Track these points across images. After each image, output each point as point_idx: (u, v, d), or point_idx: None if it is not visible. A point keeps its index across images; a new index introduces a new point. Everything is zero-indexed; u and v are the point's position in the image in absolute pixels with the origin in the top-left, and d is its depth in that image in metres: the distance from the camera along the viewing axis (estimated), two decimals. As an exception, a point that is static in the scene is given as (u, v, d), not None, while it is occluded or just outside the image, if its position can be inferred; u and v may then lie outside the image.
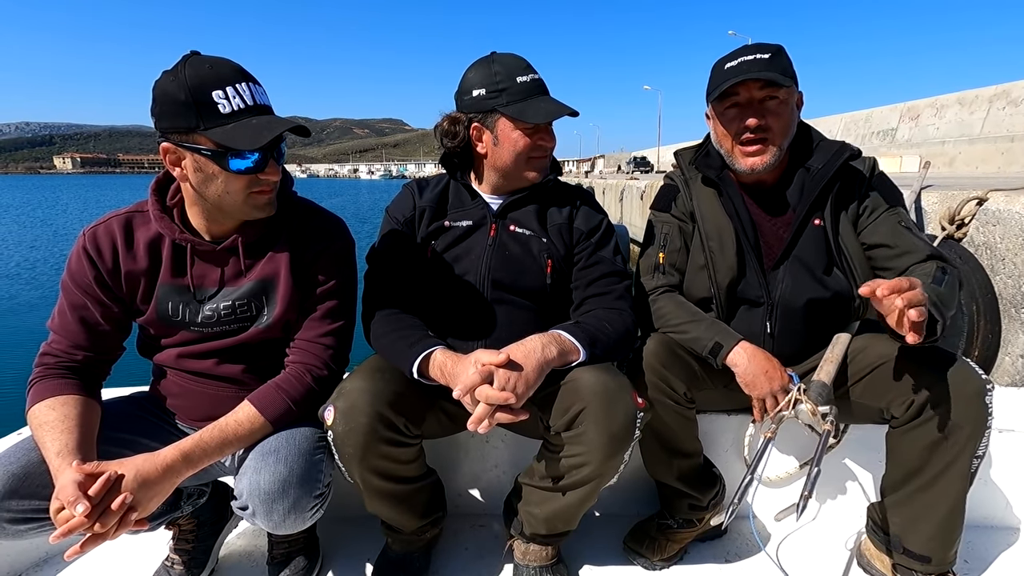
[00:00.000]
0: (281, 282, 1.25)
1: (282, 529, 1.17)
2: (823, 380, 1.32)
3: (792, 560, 1.54)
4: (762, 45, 1.39)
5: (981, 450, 1.24)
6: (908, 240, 1.35)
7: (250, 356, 1.29)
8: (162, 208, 1.22)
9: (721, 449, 1.69)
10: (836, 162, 1.39)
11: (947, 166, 15.57)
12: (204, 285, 1.24)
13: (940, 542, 1.29)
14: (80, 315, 1.20)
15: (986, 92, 15.39)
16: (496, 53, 1.41)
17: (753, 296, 1.45)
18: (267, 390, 1.22)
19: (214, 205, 1.17)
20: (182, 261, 1.23)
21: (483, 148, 1.41)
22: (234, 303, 1.25)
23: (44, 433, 1.09)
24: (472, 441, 1.70)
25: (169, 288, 1.23)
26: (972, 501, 1.29)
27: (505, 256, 1.41)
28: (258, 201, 1.17)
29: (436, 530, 1.53)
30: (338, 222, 1.34)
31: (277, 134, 1.09)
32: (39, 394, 1.14)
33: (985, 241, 3.50)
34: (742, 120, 1.37)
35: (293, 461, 1.14)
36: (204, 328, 1.25)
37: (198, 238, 1.22)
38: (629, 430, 1.19)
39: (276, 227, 1.26)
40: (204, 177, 1.12)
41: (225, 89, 1.07)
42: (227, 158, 1.09)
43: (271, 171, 1.15)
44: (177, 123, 1.07)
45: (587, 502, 1.31)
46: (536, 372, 1.18)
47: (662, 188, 1.61)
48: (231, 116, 1.08)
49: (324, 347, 1.28)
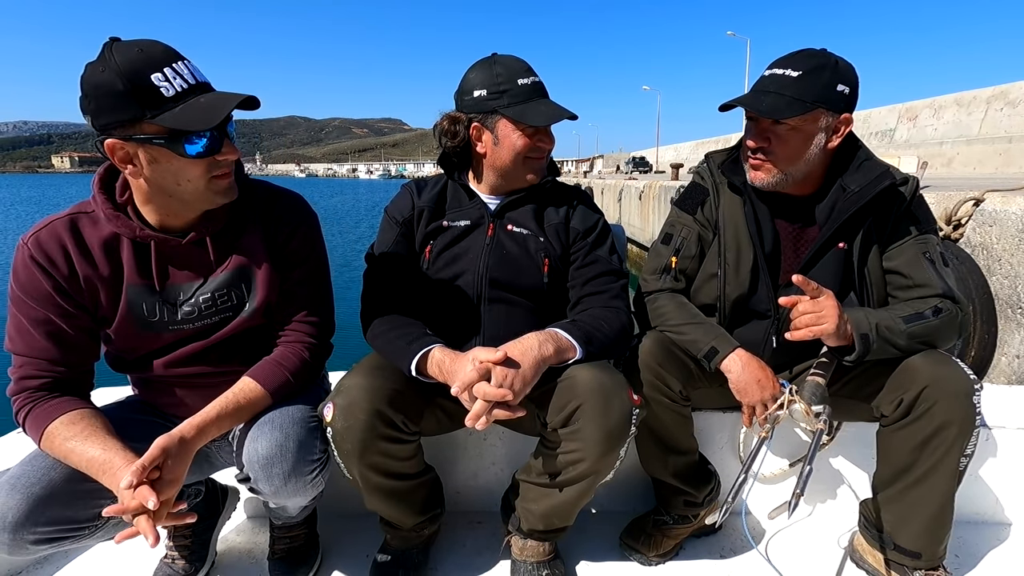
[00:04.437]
0: (260, 266, 1.23)
1: (284, 496, 1.18)
2: (817, 380, 1.33)
3: (786, 556, 1.55)
4: (802, 57, 1.30)
5: (970, 449, 1.26)
6: (924, 274, 1.32)
7: (237, 349, 1.26)
8: (114, 207, 1.13)
9: (716, 446, 1.70)
10: (872, 190, 1.31)
11: (945, 167, 15.61)
12: (177, 282, 1.19)
13: (930, 538, 1.31)
14: (46, 330, 1.11)
15: (984, 93, 15.41)
16: (497, 55, 1.43)
17: (761, 309, 1.45)
18: (264, 364, 1.23)
19: (173, 197, 1.11)
20: (146, 260, 1.16)
21: (482, 148, 1.42)
22: (214, 295, 1.20)
23: (72, 447, 1.05)
24: (470, 438, 1.72)
25: (140, 289, 1.16)
26: (963, 497, 1.31)
27: (502, 255, 1.42)
28: (220, 186, 1.12)
29: (434, 527, 1.54)
30: (300, 198, 1.32)
31: (230, 109, 1.04)
32: (43, 419, 1.08)
33: (982, 242, 3.52)
34: (749, 135, 1.37)
35: (288, 427, 1.16)
36: (185, 325, 1.20)
37: (159, 234, 1.15)
38: (625, 427, 1.21)
39: (240, 212, 1.22)
40: (161, 169, 1.05)
41: (163, 71, 1.00)
42: (182, 143, 1.02)
43: (228, 150, 1.09)
44: (119, 115, 0.99)
45: (584, 498, 1.33)
46: (533, 369, 1.19)
47: (690, 186, 1.57)
48: (176, 98, 1.01)
49: (312, 324, 1.29)
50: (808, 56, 1.30)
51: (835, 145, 1.34)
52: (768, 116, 1.29)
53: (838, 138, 1.33)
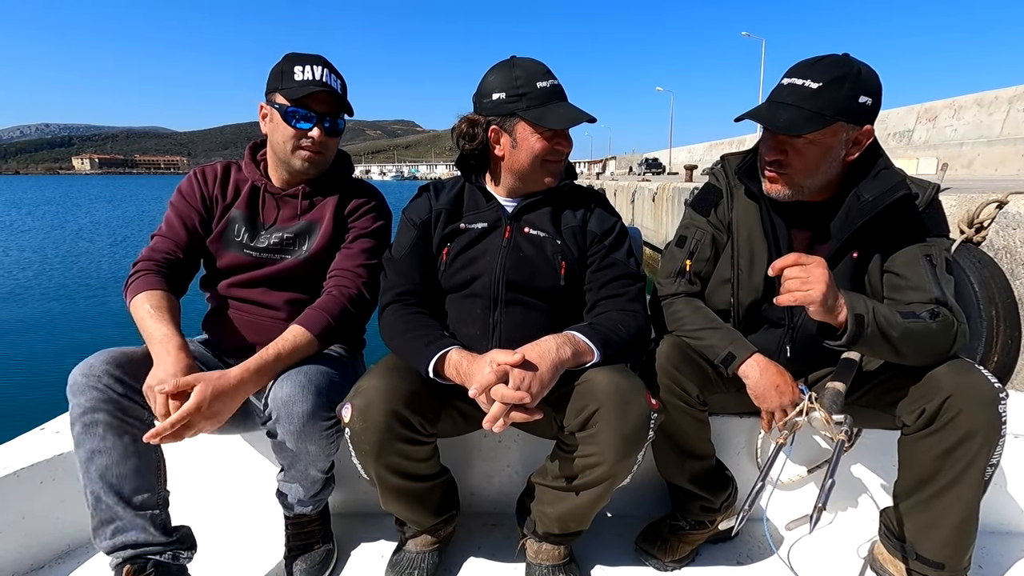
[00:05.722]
0: (323, 225, 1.54)
1: (301, 440, 1.30)
2: (837, 388, 1.32)
3: (805, 564, 1.53)
4: (823, 66, 1.24)
5: (995, 458, 1.23)
6: (919, 275, 1.28)
7: (288, 286, 1.54)
8: (252, 160, 1.59)
9: (733, 452, 1.69)
10: (885, 200, 1.27)
11: (965, 168, 15.33)
12: (267, 220, 1.55)
13: (953, 549, 1.28)
14: (184, 222, 1.53)
15: (1006, 93, 15.12)
16: (516, 57, 1.43)
17: (774, 317, 1.44)
18: (310, 312, 1.43)
19: (276, 154, 1.52)
20: (256, 197, 1.56)
21: (500, 151, 1.42)
22: (283, 236, 1.54)
23: (146, 322, 1.33)
24: (485, 440, 1.72)
25: (239, 214, 1.54)
26: (986, 506, 1.28)
27: (519, 258, 1.42)
28: (303, 155, 1.48)
29: (449, 528, 1.54)
30: (378, 191, 1.67)
31: (315, 90, 1.42)
32: (139, 288, 1.39)
33: (1005, 245, 3.45)
34: (766, 146, 1.34)
35: (313, 375, 1.32)
36: (253, 252, 1.53)
37: (271, 183, 1.56)
38: (643, 431, 1.20)
39: (331, 185, 1.59)
40: (272, 127, 1.49)
41: (306, 66, 1.45)
42: (287, 111, 1.44)
43: (315, 134, 1.46)
44: (270, 85, 1.48)
45: (600, 502, 1.32)
46: (551, 372, 1.19)
47: (705, 187, 1.55)
48: (301, 84, 1.43)
49: (357, 275, 1.51)
50: (829, 65, 1.24)
51: (854, 157, 1.30)
52: (785, 132, 1.25)
53: (858, 150, 1.29)
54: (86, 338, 8.28)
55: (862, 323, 1.18)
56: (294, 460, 1.36)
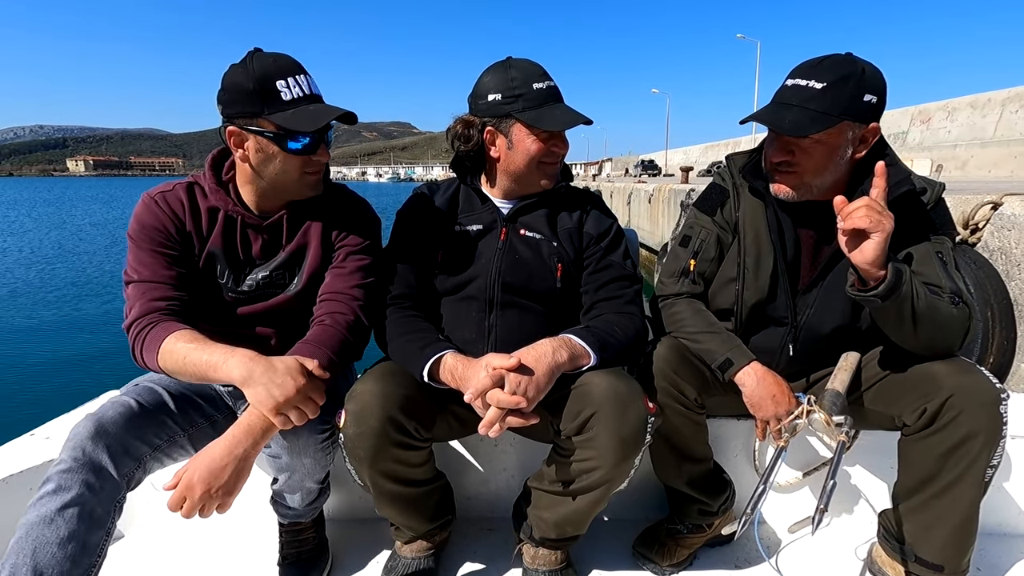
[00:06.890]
0: (311, 251, 1.37)
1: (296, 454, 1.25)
2: (837, 389, 1.31)
3: (803, 567, 1.52)
4: (827, 66, 1.24)
5: (996, 459, 1.22)
6: (934, 272, 1.26)
7: (277, 320, 1.38)
8: (217, 182, 1.35)
9: (731, 454, 1.68)
10: (890, 195, 1.24)
11: (959, 170, 15.42)
12: (247, 256, 1.36)
13: (953, 551, 1.28)
14: (166, 260, 1.28)
15: (999, 95, 15.23)
16: (512, 58, 1.42)
17: (778, 316, 1.43)
18: (306, 348, 1.23)
19: (269, 184, 1.31)
20: (232, 231, 1.35)
21: (496, 152, 1.41)
22: (271, 272, 1.36)
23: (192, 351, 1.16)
24: (481, 445, 1.71)
25: (218, 252, 1.34)
26: (986, 508, 1.27)
27: (515, 260, 1.41)
28: (309, 180, 1.32)
29: (445, 533, 1.53)
30: (364, 201, 1.48)
31: (331, 119, 1.24)
32: (158, 337, 1.19)
33: (1000, 246, 3.46)
34: (772, 148, 1.33)
35: None
36: (241, 294, 1.35)
37: (248, 212, 1.34)
38: (640, 434, 1.19)
39: (314, 206, 1.39)
40: (264, 157, 1.26)
41: (287, 79, 1.22)
42: (286, 140, 1.23)
43: (322, 153, 1.29)
44: (244, 109, 1.22)
45: (597, 507, 1.31)
46: (547, 376, 1.18)
47: (710, 187, 1.54)
48: (291, 103, 1.22)
49: (353, 298, 1.34)
50: (833, 65, 1.24)
51: (862, 155, 1.30)
52: (791, 134, 1.24)
53: (865, 148, 1.29)
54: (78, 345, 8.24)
55: (901, 277, 1.14)
56: (290, 473, 1.33)
